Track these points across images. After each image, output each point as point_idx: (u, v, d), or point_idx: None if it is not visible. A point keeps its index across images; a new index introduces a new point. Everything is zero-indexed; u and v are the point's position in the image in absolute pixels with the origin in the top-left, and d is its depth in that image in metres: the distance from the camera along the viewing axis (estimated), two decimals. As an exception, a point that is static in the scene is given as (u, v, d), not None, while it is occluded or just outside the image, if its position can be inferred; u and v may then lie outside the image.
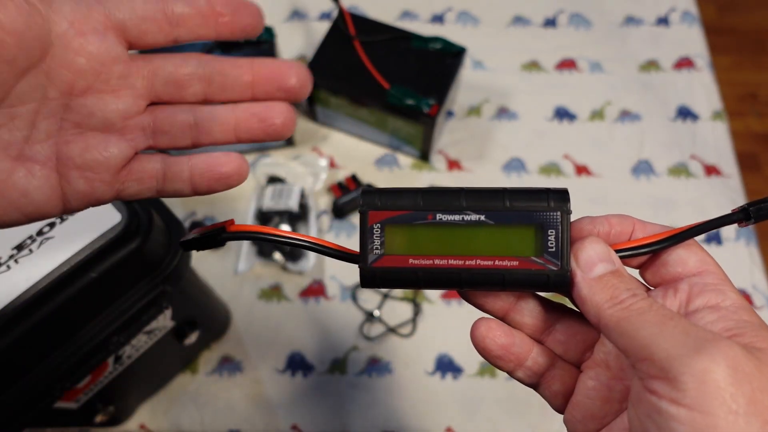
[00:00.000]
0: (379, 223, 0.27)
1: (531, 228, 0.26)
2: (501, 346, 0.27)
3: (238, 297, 0.68)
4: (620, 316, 0.23)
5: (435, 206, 0.27)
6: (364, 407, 0.63)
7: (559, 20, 0.86)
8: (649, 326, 0.21)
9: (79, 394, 0.46)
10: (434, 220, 0.26)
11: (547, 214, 0.26)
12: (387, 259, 0.27)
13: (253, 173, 0.75)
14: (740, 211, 0.26)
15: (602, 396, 0.26)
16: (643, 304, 0.23)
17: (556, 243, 0.26)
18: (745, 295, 0.67)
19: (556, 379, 0.28)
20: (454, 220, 0.26)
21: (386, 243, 0.27)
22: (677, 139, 0.77)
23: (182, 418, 0.62)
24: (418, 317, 0.66)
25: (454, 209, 0.26)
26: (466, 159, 0.76)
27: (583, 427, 0.27)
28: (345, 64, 0.70)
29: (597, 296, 0.24)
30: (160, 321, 0.47)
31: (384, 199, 0.27)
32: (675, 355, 0.20)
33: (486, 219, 0.26)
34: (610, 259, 0.25)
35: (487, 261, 0.26)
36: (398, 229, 0.27)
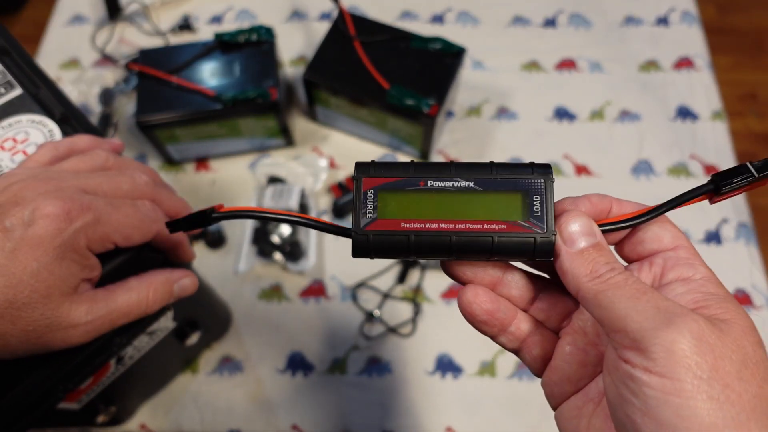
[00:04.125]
0: (372, 189, 0.28)
1: (517, 194, 0.28)
2: (486, 311, 0.29)
3: (239, 297, 0.68)
4: (598, 289, 0.25)
5: (426, 174, 0.28)
6: (364, 407, 0.63)
7: (558, 20, 0.86)
8: (624, 300, 0.24)
9: (82, 394, 0.46)
10: (425, 186, 0.28)
11: (532, 180, 0.28)
12: (380, 222, 0.27)
13: (254, 173, 0.75)
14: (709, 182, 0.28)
15: (578, 360, 0.28)
16: (620, 278, 0.25)
17: (541, 207, 0.27)
18: (744, 294, 0.67)
19: (536, 344, 0.30)
20: (444, 186, 0.28)
21: (379, 207, 0.27)
22: (677, 139, 0.77)
23: (183, 418, 0.62)
24: (418, 317, 0.66)
25: (444, 177, 0.28)
26: (466, 159, 0.76)
27: (559, 389, 0.29)
28: (345, 64, 0.70)
29: (577, 269, 0.26)
30: (161, 322, 0.47)
31: (377, 168, 0.28)
32: (647, 328, 0.22)
33: (475, 186, 0.28)
34: (593, 232, 0.27)
35: (476, 224, 0.27)
36: (391, 194, 0.28)
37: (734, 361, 0.22)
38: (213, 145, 0.74)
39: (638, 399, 0.22)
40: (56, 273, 0.31)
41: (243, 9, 0.88)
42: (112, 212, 0.33)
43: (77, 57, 0.84)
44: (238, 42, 0.71)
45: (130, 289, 0.36)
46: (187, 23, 0.85)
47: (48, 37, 0.87)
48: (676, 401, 0.21)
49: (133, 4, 0.86)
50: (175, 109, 0.67)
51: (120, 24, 0.86)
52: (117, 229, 0.34)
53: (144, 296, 0.36)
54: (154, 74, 0.69)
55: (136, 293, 0.36)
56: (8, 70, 0.41)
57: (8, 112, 0.40)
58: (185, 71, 0.70)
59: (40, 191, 0.32)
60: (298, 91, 0.81)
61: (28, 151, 0.39)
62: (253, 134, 0.73)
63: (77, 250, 0.32)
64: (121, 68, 0.81)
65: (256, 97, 0.67)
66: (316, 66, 0.70)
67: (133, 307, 0.36)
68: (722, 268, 0.68)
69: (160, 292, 0.37)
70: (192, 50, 0.71)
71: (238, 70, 0.70)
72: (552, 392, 0.29)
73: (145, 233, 0.36)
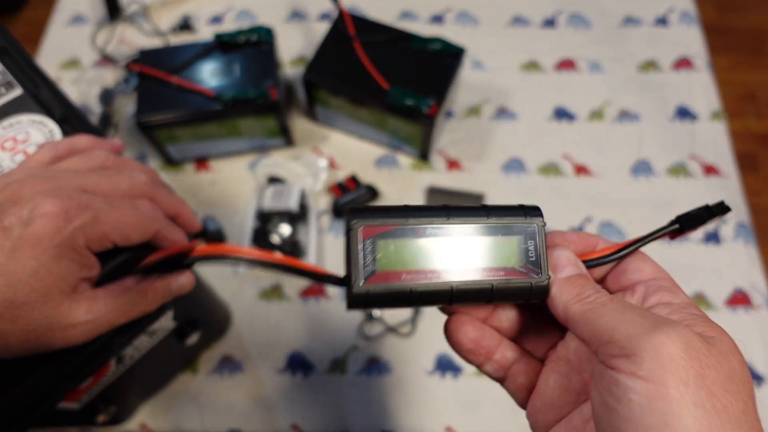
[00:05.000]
0: (371, 239, 0.26)
1: (513, 239, 0.28)
2: (472, 340, 0.30)
3: (239, 297, 0.68)
4: (585, 308, 0.25)
5: (424, 221, 0.27)
6: (363, 407, 0.63)
7: (558, 20, 0.86)
8: (611, 314, 0.24)
9: (81, 394, 0.46)
10: (425, 234, 0.27)
11: (527, 226, 0.28)
12: (379, 275, 0.26)
13: (254, 173, 0.75)
14: (675, 221, 0.30)
15: (561, 386, 0.29)
16: (605, 298, 0.26)
17: (535, 252, 0.28)
18: (743, 294, 0.67)
19: (521, 372, 0.31)
20: (443, 233, 0.27)
21: (378, 258, 0.26)
22: (676, 139, 0.77)
23: (183, 418, 0.62)
24: (417, 317, 0.66)
25: (441, 223, 0.27)
26: (466, 159, 0.76)
27: (543, 417, 0.29)
28: (345, 65, 0.70)
29: (565, 294, 0.27)
30: (161, 322, 0.47)
31: (374, 215, 0.27)
32: (634, 334, 0.22)
33: (472, 232, 0.28)
34: (577, 264, 0.28)
35: (476, 273, 0.27)
36: (391, 243, 0.27)
37: (720, 372, 0.22)
38: (213, 145, 0.74)
39: (622, 406, 0.22)
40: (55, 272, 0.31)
41: (243, 9, 0.88)
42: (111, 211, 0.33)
43: (77, 57, 0.84)
44: (237, 42, 0.71)
45: (128, 288, 0.35)
46: (187, 23, 0.85)
47: (48, 37, 0.87)
48: (661, 407, 0.21)
49: (134, 5, 0.86)
50: (175, 109, 0.67)
51: (120, 24, 0.86)
52: (115, 227, 0.33)
53: (142, 295, 0.36)
54: (154, 74, 0.69)
55: (135, 292, 0.35)
56: (8, 70, 0.41)
57: (8, 112, 0.40)
58: (185, 71, 0.70)
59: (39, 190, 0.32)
60: (298, 91, 0.81)
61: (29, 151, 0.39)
62: (253, 134, 0.73)
63: (76, 249, 0.32)
64: (121, 68, 0.82)
65: (256, 97, 0.67)
66: (316, 66, 0.70)
67: (133, 306, 0.35)
68: (721, 268, 0.68)
69: (158, 291, 0.37)
70: (192, 50, 0.71)
71: (238, 70, 0.70)
72: (536, 420, 0.29)
73: (143, 232, 0.35)
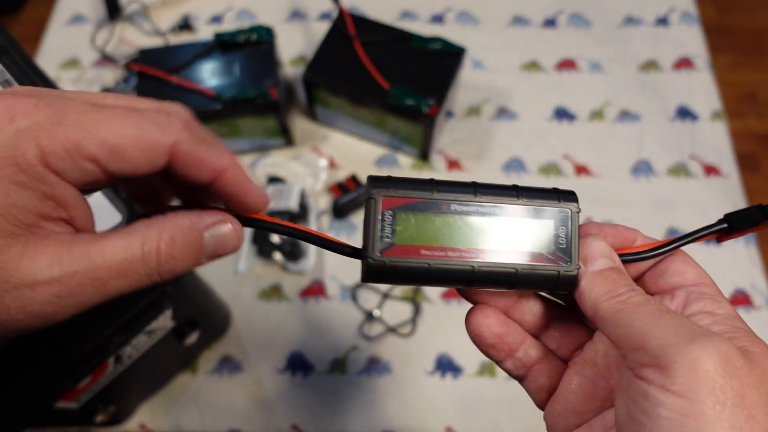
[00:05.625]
0: (391, 210, 0.25)
1: (544, 223, 0.26)
2: (495, 335, 0.28)
3: (239, 297, 0.68)
4: (617, 308, 0.23)
5: (450, 196, 0.26)
6: (363, 407, 0.63)
7: (558, 20, 0.86)
8: (644, 317, 0.22)
9: (80, 394, 0.46)
10: (449, 210, 0.25)
11: (559, 211, 0.26)
12: (397, 248, 0.25)
13: (253, 173, 0.75)
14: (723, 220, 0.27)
15: (585, 391, 0.27)
16: (640, 298, 0.23)
17: (566, 240, 0.26)
18: (744, 294, 0.67)
19: (543, 372, 0.28)
20: (468, 211, 0.26)
21: (398, 231, 0.25)
22: (677, 139, 0.77)
23: (182, 418, 0.62)
24: (417, 317, 0.66)
25: (468, 201, 0.26)
26: (466, 159, 0.76)
27: (562, 420, 0.27)
28: (345, 64, 0.70)
29: (595, 289, 0.25)
30: (160, 321, 0.47)
31: (397, 185, 0.26)
32: (669, 344, 0.20)
33: (500, 212, 0.26)
34: (611, 257, 0.26)
35: (500, 255, 0.26)
36: (411, 216, 0.25)
37: (762, 393, 0.20)
38: (213, 145, 0.73)
39: (650, 420, 0.20)
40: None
41: (243, 9, 0.88)
42: (89, 112, 0.21)
43: (77, 57, 0.84)
44: (237, 42, 0.71)
45: (130, 233, 0.23)
46: (186, 23, 0.85)
47: (48, 37, 0.87)
48: (693, 425, 0.19)
49: (133, 4, 0.86)
50: (174, 108, 0.67)
51: (120, 24, 0.86)
52: (94, 134, 0.21)
53: (152, 247, 0.23)
54: (154, 74, 0.69)
55: (140, 241, 0.22)
56: (7, 69, 0.41)
57: (7, 111, 0.40)
58: (185, 71, 0.70)
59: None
60: (298, 91, 0.81)
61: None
62: (252, 134, 0.73)
63: (25, 168, 0.20)
64: (120, 68, 0.81)
65: (256, 97, 0.67)
66: (316, 66, 0.70)
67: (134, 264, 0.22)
68: (722, 269, 0.68)
69: (179, 243, 0.23)
70: (192, 50, 0.71)
71: (238, 70, 0.70)
72: (554, 423, 0.27)
73: (148, 146, 0.22)
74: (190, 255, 0.24)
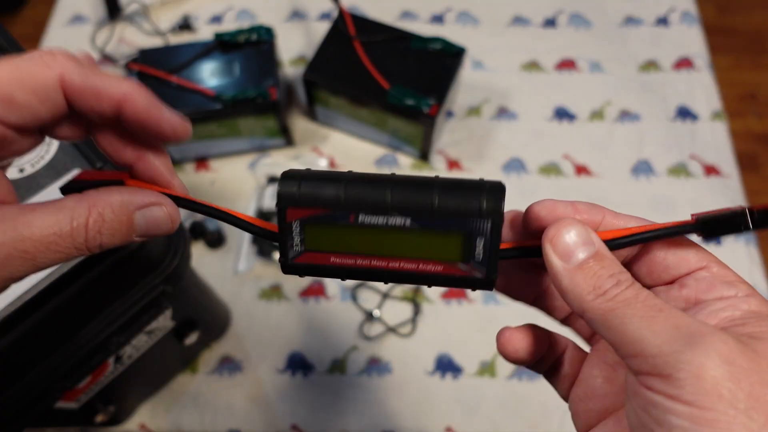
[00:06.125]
0: (297, 221, 0.25)
1: (458, 235, 0.24)
2: (531, 353, 0.27)
3: (238, 297, 0.68)
4: (605, 308, 0.22)
5: (357, 205, 0.24)
6: (363, 407, 0.63)
7: (558, 20, 0.86)
8: (636, 320, 0.21)
9: (80, 394, 0.46)
10: (356, 223, 0.25)
11: (477, 221, 0.24)
12: (308, 256, 0.25)
13: (254, 173, 0.75)
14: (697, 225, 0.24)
15: (605, 375, 0.26)
16: (629, 293, 0.22)
17: (483, 252, 0.24)
18: (744, 295, 0.67)
19: (566, 363, 0.28)
20: (377, 223, 0.24)
21: (306, 240, 0.25)
22: (677, 139, 0.77)
23: (182, 418, 0.62)
24: (417, 317, 0.66)
25: (378, 209, 0.24)
26: (466, 159, 0.76)
27: (584, 406, 0.26)
28: (345, 64, 0.70)
29: (579, 287, 0.22)
30: (160, 321, 0.47)
31: (304, 193, 0.25)
32: (668, 352, 0.19)
33: (411, 223, 0.24)
34: (590, 241, 0.23)
35: (411, 264, 0.25)
36: (318, 228, 0.25)
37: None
38: (213, 145, 0.74)
39: (663, 428, 0.19)
40: None
41: (243, 9, 0.88)
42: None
43: (77, 57, 0.84)
44: (237, 42, 0.71)
45: (60, 208, 0.22)
46: (187, 23, 0.85)
47: (48, 36, 0.87)
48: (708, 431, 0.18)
49: (133, 4, 0.86)
50: (174, 108, 0.67)
51: (120, 24, 0.86)
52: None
53: (81, 222, 0.23)
54: (154, 74, 0.69)
55: (69, 215, 0.22)
56: (7, 69, 0.41)
57: (7, 111, 0.40)
58: (185, 71, 0.70)
59: None
60: (298, 91, 0.81)
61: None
62: (252, 134, 0.73)
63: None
64: (120, 68, 0.81)
65: (256, 97, 0.67)
66: (316, 66, 0.70)
67: (63, 238, 0.22)
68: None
69: (108, 220, 0.23)
70: (192, 50, 0.71)
71: (238, 69, 0.70)
72: (578, 410, 0.27)
73: (34, 84, 0.22)
74: (118, 233, 0.24)
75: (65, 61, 0.22)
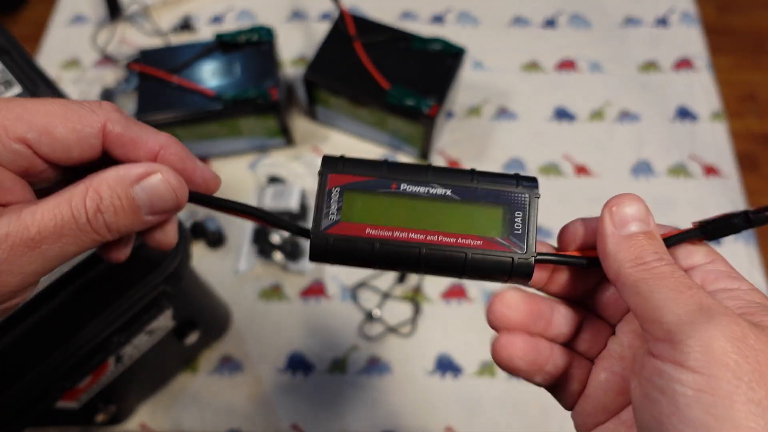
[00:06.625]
0: (338, 187, 0.25)
1: (498, 207, 0.25)
2: (528, 362, 0.27)
3: (239, 297, 0.68)
4: (640, 276, 0.23)
5: (400, 176, 0.25)
6: (364, 407, 0.63)
7: (558, 21, 0.86)
8: (665, 290, 0.22)
9: (80, 393, 0.46)
10: (398, 190, 0.25)
11: (516, 195, 0.25)
12: (342, 226, 0.25)
13: (254, 173, 0.75)
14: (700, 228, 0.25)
15: (615, 388, 0.26)
16: (666, 269, 0.23)
17: (522, 225, 0.25)
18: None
19: (572, 378, 0.27)
20: (418, 192, 0.25)
21: (344, 209, 0.25)
22: (676, 139, 0.77)
23: (183, 418, 0.62)
24: (418, 317, 0.66)
25: (419, 181, 0.25)
26: (466, 159, 0.76)
27: (592, 420, 0.26)
28: (345, 65, 0.70)
29: (622, 253, 0.24)
30: (160, 321, 0.47)
31: (347, 164, 0.25)
32: (684, 321, 0.20)
33: (452, 194, 0.25)
34: (647, 220, 0.24)
35: (449, 237, 0.25)
36: (358, 195, 0.25)
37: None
38: (213, 145, 0.74)
39: (666, 397, 0.20)
40: None
41: (243, 9, 0.88)
42: (17, 101, 0.22)
43: (78, 57, 0.84)
44: (238, 42, 0.71)
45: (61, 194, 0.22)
46: (187, 23, 0.85)
47: (48, 36, 0.87)
48: (710, 399, 0.19)
49: (134, 5, 0.86)
50: (175, 109, 0.67)
51: (120, 24, 0.86)
52: (21, 116, 0.22)
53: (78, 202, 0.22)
54: (155, 74, 0.69)
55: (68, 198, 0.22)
56: (8, 68, 0.41)
57: (8, 111, 0.40)
58: (185, 71, 0.70)
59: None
60: (298, 91, 0.81)
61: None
62: (253, 134, 0.73)
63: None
64: (121, 68, 0.82)
65: (257, 97, 0.67)
66: (316, 66, 0.70)
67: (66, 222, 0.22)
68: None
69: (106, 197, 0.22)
70: (192, 50, 0.71)
71: (239, 70, 0.70)
72: (584, 423, 0.27)
73: (77, 124, 0.23)
74: (120, 210, 0.23)
75: (111, 111, 0.24)
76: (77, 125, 0.23)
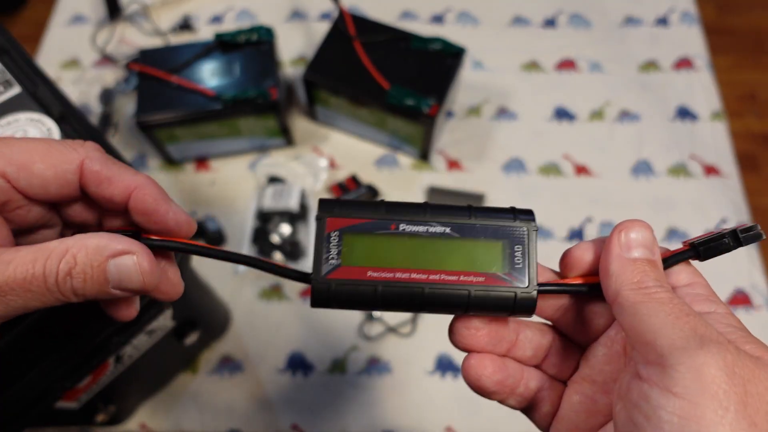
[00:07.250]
0: (337, 231, 0.25)
1: (498, 243, 0.25)
2: (497, 383, 0.27)
3: (239, 297, 0.68)
4: (639, 299, 0.23)
5: (398, 216, 0.25)
6: (364, 407, 0.63)
7: (558, 20, 0.86)
8: (663, 315, 0.22)
9: (80, 393, 0.46)
10: (397, 230, 0.25)
11: (514, 228, 0.25)
12: (343, 270, 0.24)
13: (254, 173, 0.75)
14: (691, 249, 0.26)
15: (587, 409, 0.26)
16: (665, 296, 0.23)
17: (523, 259, 0.25)
18: (743, 294, 0.67)
19: (545, 400, 0.28)
20: (418, 231, 0.25)
21: (344, 252, 0.24)
22: (676, 139, 0.77)
23: (183, 418, 0.62)
24: (417, 317, 0.66)
25: (418, 220, 0.25)
26: (466, 159, 0.76)
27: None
28: (345, 64, 0.70)
29: (625, 275, 0.24)
30: (160, 321, 0.47)
31: (344, 206, 0.25)
32: (678, 346, 0.20)
33: (451, 231, 0.25)
34: (652, 249, 0.25)
35: (451, 276, 0.25)
36: (358, 237, 0.25)
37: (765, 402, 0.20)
38: (213, 145, 0.74)
39: (651, 423, 0.20)
40: None
41: (243, 9, 0.88)
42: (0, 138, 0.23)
43: (77, 57, 0.84)
44: (238, 42, 0.71)
45: (42, 248, 0.22)
46: (187, 23, 0.85)
47: (48, 36, 0.87)
48: (694, 428, 0.19)
49: (134, 4, 0.86)
50: (175, 108, 0.67)
51: (120, 24, 0.86)
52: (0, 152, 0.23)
53: (54, 262, 0.22)
54: (155, 74, 0.69)
55: (46, 255, 0.22)
56: (7, 68, 0.41)
57: (7, 110, 0.40)
58: (185, 71, 0.70)
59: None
60: (298, 91, 0.81)
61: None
62: (253, 134, 0.73)
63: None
64: (121, 68, 0.82)
65: (256, 97, 0.67)
66: (316, 66, 0.70)
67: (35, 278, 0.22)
68: (721, 269, 0.68)
69: (80, 263, 0.22)
70: (192, 50, 0.71)
71: (238, 70, 0.70)
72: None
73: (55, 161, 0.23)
74: (90, 279, 0.23)
75: (91, 150, 0.24)
76: (56, 161, 0.23)
